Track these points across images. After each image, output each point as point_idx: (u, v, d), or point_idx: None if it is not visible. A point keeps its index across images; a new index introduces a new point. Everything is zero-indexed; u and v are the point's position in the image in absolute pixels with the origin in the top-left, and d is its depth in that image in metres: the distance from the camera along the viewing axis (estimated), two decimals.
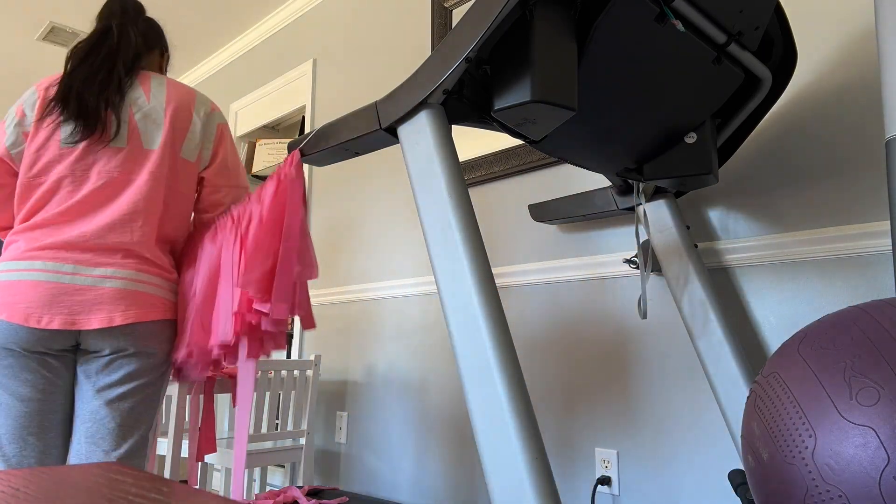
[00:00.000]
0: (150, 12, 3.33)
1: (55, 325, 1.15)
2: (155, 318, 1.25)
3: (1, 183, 1.27)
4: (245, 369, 1.23)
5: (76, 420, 1.23)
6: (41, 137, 1.23)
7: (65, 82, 1.25)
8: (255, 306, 1.17)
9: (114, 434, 1.21)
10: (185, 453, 2.48)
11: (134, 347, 1.23)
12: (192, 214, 1.43)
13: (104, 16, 1.37)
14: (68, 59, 1.29)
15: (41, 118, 1.24)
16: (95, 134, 1.23)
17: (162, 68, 1.47)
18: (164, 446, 2.55)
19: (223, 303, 1.25)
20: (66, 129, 1.23)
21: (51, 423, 1.20)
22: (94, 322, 1.18)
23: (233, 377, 2.06)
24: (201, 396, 1.72)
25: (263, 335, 1.25)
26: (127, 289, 1.22)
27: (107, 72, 1.27)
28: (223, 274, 1.28)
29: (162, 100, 1.31)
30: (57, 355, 1.21)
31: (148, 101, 1.30)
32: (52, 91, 1.26)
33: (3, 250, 1.25)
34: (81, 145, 1.23)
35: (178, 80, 4.21)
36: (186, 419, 2.52)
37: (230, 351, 1.26)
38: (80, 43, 1.32)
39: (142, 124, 1.28)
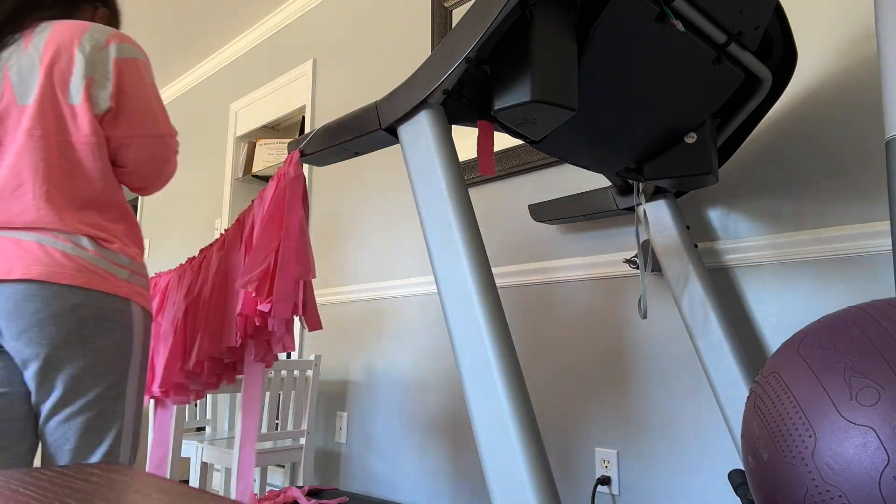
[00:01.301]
0: (150, 13, 3.34)
1: None
2: (77, 283, 1.01)
3: None
4: (252, 372, 1.22)
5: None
6: None
7: None
8: (258, 306, 1.17)
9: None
10: (185, 454, 2.48)
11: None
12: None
13: None
14: None
15: None
16: None
17: (94, 20, 1.22)
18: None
19: (231, 308, 1.25)
20: None
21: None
22: None
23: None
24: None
25: (270, 337, 1.25)
26: (37, 242, 1.00)
27: None
28: (230, 279, 1.28)
29: (40, 45, 1.08)
30: None
31: (26, 51, 1.08)
32: None
33: None
34: None
35: (178, 80, 4.22)
36: (186, 417, 2.53)
37: (238, 356, 1.26)
38: None
39: (15, 79, 1.07)
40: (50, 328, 0.99)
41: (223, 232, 1.36)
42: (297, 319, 2.66)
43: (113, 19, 1.26)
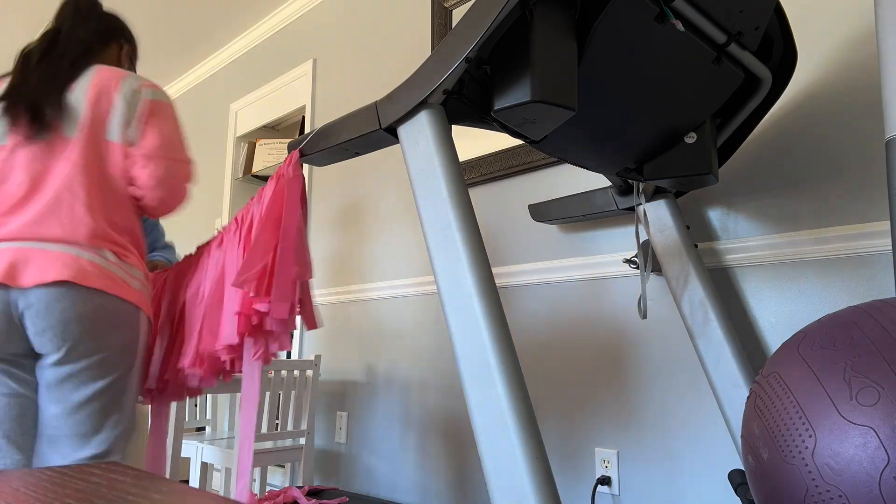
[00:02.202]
0: (150, 12, 3.34)
1: None
2: (99, 286, 1.17)
3: None
4: (250, 371, 1.23)
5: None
6: None
7: (11, 82, 1.26)
8: (255, 306, 1.17)
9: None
10: (185, 454, 2.48)
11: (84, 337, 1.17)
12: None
13: (56, 18, 1.38)
14: (17, 60, 1.31)
15: None
16: (23, 129, 1.22)
17: (120, 61, 1.45)
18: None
19: (228, 305, 1.25)
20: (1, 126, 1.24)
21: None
22: (31, 276, 1.13)
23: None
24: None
25: (268, 336, 1.25)
26: (68, 253, 1.17)
27: (52, 72, 1.27)
28: (228, 276, 1.28)
29: (85, 86, 1.27)
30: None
31: (72, 92, 1.27)
32: None
33: None
34: (10, 141, 1.23)
35: (178, 79, 4.22)
36: (186, 417, 2.52)
37: (237, 353, 1.26)
38: (29, 45, 1.34)
39: (65, 115, 1.25)
40: (74, 326, 1.16)
41: (220, 229, 1.36)
42: (299, 318, 2.66)
43: (133, 53, 1.49)
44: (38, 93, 1.24)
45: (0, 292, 1.14)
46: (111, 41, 1.42)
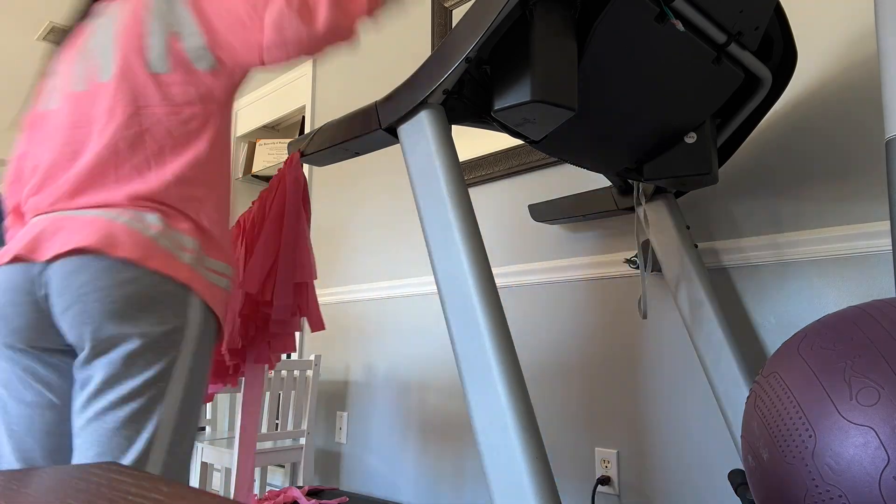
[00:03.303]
0: None
1: (12, 252, 0.90)
2: (133, 257, 0.88)
3: None
4: (253, 374, 1.22)
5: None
6: None
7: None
8: (263, 308, 1.17)
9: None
10: None
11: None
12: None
13: None
14: None
15: None
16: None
17: None
18: None
19: (233, 309, 1.25)
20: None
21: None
22: (51, 248, 0.89)
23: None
24: None
25: (271, 338, 1.25)
26: (101, 217, 0.91)
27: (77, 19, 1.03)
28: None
29: (113, 16, 1.00)
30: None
31: (100, 25, 1.01)
32: None
33: None
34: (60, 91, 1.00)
35: None
36: None
37: (240, 357, 1.26)
38: None
39: (96, 56, 0.99)
40: (95, 306, 0.87)
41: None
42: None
43: None
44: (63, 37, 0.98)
45: (21, 269, 0.90)
46: None
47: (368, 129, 1.10)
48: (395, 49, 2.64)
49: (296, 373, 2.31)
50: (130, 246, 0.89)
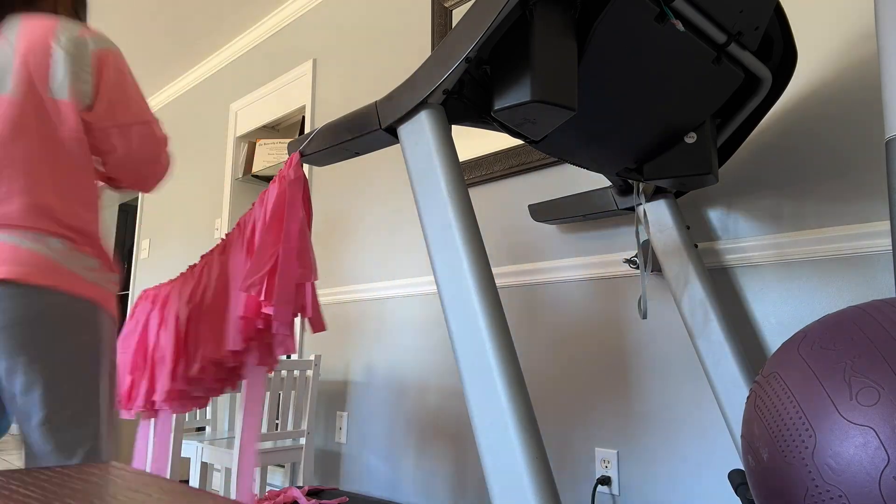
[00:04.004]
0: (150, 13, 3.34)
1: None
2: (47, 283, 0.98)
3: None
4: (255, 375, 1.22)
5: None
6: None
7: None
8: (264, 310, 1.16)
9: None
10: (185, 454, 2.48)
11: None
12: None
13: None
14: None
15: None
16: None
17: (56, 11, 1.17)
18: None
19: (233, 311, 1.25)
20: None
21: None
22: None
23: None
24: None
25: (273, 340, 1.24)
26: (6, 243, 0.98)
27: None
28: (232, 281, 1.28)
29: (12, 38, 1.07)
30: None
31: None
32: None
33: None
34: None
35: (178, 80, 4.22)
36: (186, 417, 2.52)
37: (242, 359, 1.26)
38: None
39: None
40: (21, 330, 0.97)
41: (224, 236, 1.36)
42: (298, 320, 2.66)
43: (80, 8, 1.22)
44: None
45: None
46: None
47: (368, 129, 1.10)
48: (395, 49, 2.64)
49: (296, 373, 2.31)
50: (44, 272, 1.00)
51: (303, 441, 2.33)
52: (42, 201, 1.01)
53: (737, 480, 1.25)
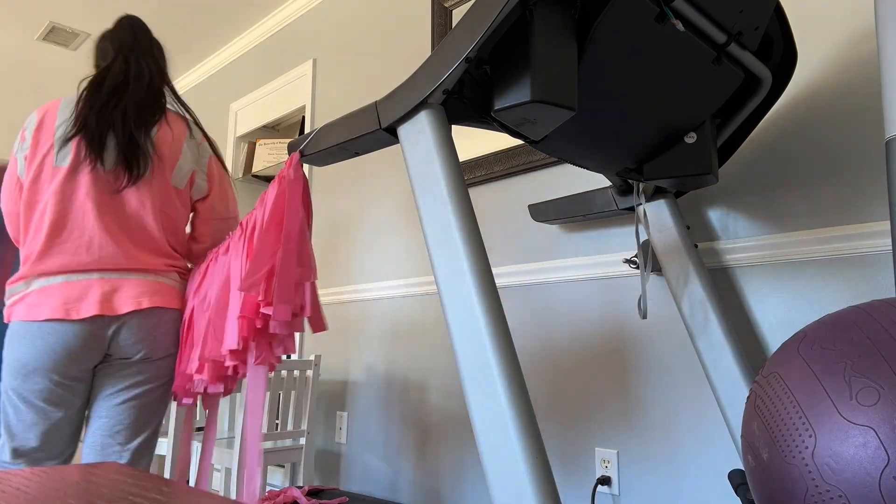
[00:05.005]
0: (150, 12, 3.34)
1: (93, 311, 1.26)
2: (175, 305, 1.40)
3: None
4: (255, 375, 1.22)
5: (92, 415, 1.36)
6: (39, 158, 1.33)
7: (80, 111, 1.32)
8: (262, 309, 1.16)
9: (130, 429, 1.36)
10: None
11: (152, 348, 1.36)
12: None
13: (117, 47, 1.41)
14: (83, 90, 1.36)
15: (38, 143, 1.32)
16: (92, 160, 1.31)
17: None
18: (163, 446, 2.55)
19: (232, 310, 1.25)
20: (65, 151, 1.31)
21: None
22: (126, 306, 1.31)
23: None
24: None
25: (272, 339, 1.24)
26: (147, 280, 1.37)
27: (137, 111, 1.36)
28: (233, 281, 1.28)
29: (158, 129, 1.39)
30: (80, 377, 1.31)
31: (152, 133, 1.40)
32: (51, 116, 1.33)
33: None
34: (69, 166, 1.31)
35: (178, 80, 4.22)
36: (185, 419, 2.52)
37: (240, 359, 1.26)
38: (97, 75, 1.38)
39: (143, 154, 1.37)
40: (158, 333, 1.36)
41: (226, 236, 1.37)
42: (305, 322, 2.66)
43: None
44: (125, 130, 1.32)
45: (98, 320, 1.28)
46: (166, 74, 1.48)
47: (368, 129, 1.10)
48: (395, 49, 2.64)
49: (296, 373, 2.31)
50: (173, 298, 1.43)
51: (303, 441, 2.33)
52: (169, 253, 1.44)
53: (737, 480, 1.25)
